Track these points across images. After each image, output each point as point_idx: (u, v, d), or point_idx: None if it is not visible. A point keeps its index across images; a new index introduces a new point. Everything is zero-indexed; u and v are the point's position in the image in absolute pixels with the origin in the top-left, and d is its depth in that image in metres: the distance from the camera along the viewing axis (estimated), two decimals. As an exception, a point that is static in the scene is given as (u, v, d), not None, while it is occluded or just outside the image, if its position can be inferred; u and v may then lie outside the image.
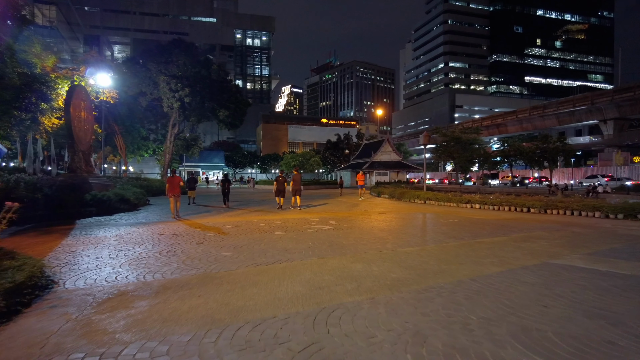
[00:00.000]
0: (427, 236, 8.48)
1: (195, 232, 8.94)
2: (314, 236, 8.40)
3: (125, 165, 48.09)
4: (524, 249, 6.96)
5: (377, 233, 8.93)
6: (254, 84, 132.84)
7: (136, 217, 12.56)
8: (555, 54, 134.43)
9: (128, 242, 7.52)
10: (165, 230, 9.37)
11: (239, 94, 46.22)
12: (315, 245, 7.25)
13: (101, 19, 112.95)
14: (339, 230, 9.29)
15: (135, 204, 15.76)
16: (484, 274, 5.09)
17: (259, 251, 6.63)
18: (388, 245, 7.22)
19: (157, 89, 38.04)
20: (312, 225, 10.37)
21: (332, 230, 9.43)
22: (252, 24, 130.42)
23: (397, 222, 11.35)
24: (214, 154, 76.60)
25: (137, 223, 10.78)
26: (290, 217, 12.35)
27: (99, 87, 30.26)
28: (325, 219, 12.03)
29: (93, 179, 16.04)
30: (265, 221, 11.28)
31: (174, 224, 10.50)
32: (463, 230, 9.50)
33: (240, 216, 12.86)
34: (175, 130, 42.29)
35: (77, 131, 15.75)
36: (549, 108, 60.98)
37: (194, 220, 11.51)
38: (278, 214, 13.69)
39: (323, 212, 14.25)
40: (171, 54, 37.98)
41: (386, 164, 56.07)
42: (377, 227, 10.00)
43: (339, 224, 10.71)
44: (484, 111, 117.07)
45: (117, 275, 5.06)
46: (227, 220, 11.46)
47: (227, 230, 9.25)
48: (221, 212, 14.26)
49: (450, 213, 14.15)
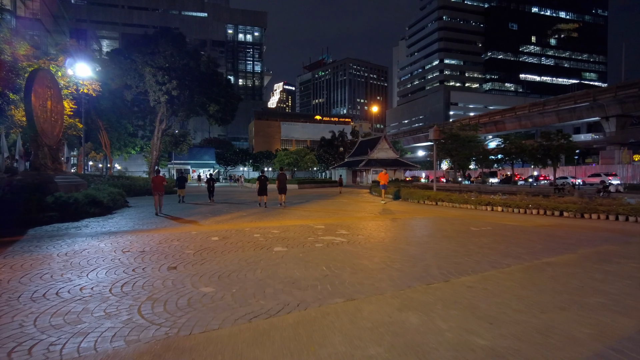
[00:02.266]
0: (472, 253, 6.55)
1: (170, 248, 6.90)
2: (326, 255, 6.42)
3: (110, 163, 45.59)
4: (619, 275, 5.06)
5: (407, 249, 6.98)
6: (245, 80, 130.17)
7: (105, 223, 10.47)
8: (550, 51, 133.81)
9: (75, 267, 5.48)
10: (133, 244, 7.33)
11: (230, 87, 44.03)
12: (332, 272, 5.26)
13: (88, 12, 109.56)
14: (356, 245, 7.31)
15: (109, 206, 13.63)
16: (622, 336, 3.16)
17: (254, 284, 4.63)
18: (433, 271, 5.26)
19: (143, 82, 35.70)
20: (318, 236, 8.38)
21: (346, 244, 7.45)
22: (244, 19, 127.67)
23: (422, 230, 9.42)
24: (204, 151, 74.13)
25: (102, 233, 8.71)
26: (290, 225, 10.36)
27: (78, 77, 27.98)
28: (332, 226, 10.06)
29: (61, 177, 13.88)
30: (259, 230, 9.28)
31: (146, 235, 8.45)
32: (508, 243, 7.60)
33: (230, 222, 10.83)
34: (162, 125, 39.97)
35: (42, 123, 13.56)
36: (549, 105, 59.59)
37: (174, 229, 9.46)
38: (274, 219, 11.70)
39: (327, 217, 12.27)
40: (158, 44, 35.63)
41: (383, 161, 54.23)
42: (401, 239, 8.05)
43: (352, 234, 8.74)
44: (478, 109, 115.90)
45: (9, 349, 3.04)
46: (214, 229, 9.44)
47: (212, 245, 7.23)
48: (208, 217, 12.21)
49: (474, 217, 12.26)
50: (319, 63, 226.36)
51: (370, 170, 53.43)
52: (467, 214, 13.38)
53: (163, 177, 14.58)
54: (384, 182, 20.17)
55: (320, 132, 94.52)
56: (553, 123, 60.78)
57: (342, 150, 75.04)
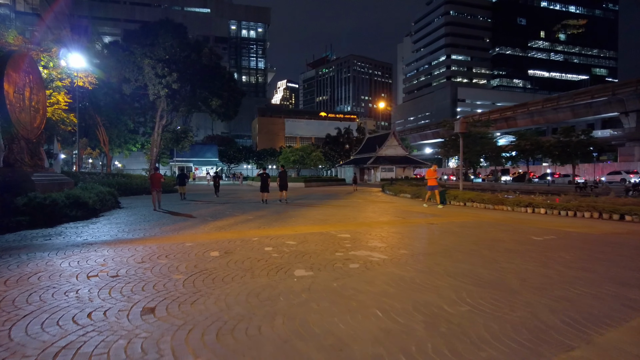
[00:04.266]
0: (571, 281, 4.68)
1: (154, 271, 5.08)
2: (371, 284, 4.57)
3: (109, 160, 43.92)
4: None
5: (475, 271, 5.11)
6: (249, 76, 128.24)
7: (85, 230, 8.68)
8: (559, 47, 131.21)
9: (6, 307, 3.67)
10: (108, 262, 5.51)
11: (233, 82, 42.21)
12: (394, 322, 3.39)
13: (89, 8, 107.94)
14: (404, 267, 5.45)
15: (94, 209, 11.82)
16: None
17: (274, 353, 2.81)
18: (550, 319, 3.39)
19: (142, 75, 33.89)
20: (347, 250, 6.54)
21: (390, 263, 5.60)
22: (247, 15, 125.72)
23: (472, 240, 7.53)
24: (207, 149, 72.43)
25: (75, 244, 6.91)
26: (307, 232, 8.52)
27: (72, 69, 26.24)
28: (359, 234, 8.21)
29: (40, 175, 12.11)
30: (271, 240, 7.45)
31: (129, 247, 6.62)
32: (602, 261, 5.73)
33: (234, 228, 9.01)
34: (163, 121, 38.20)
35: (17, 112, 11.78)
36: (563, 100, 57.45)
37: (165, 238, 7.63)
38: (286, 225, 9.87)
39: (348, 222, 10.43)
40: (157, 35, 33.80)
41: (392, 159, 52.30)
42: (455, 254, 6.18)
43: (389, 246, 6.89)
44: (486, 105, 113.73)
45: None
46: (214, 238, 7.61)
47: (211, 265, 5.40)
48: (208, 221, 10.38)
49: (521, 222, 10.38)
50: (323, 60, 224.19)
51: (379, 167, 51.50)
52: (508, 218, 11.50)
53: (161, 175, 15.30)
54: (433, 182, 15.42)
55: (325, 129, 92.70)
56: (567, 119, 58.66)
57: (348, 148, 73.17)
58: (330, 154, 71.82)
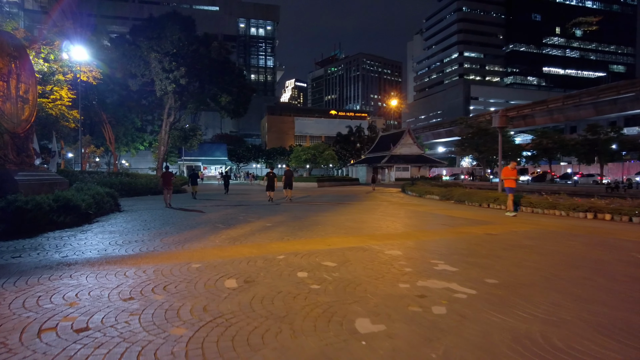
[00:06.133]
0: None
1: (142, 324, 3.40)
2: (488, 352, 2.84)
3: (115, 159, 42.64)
4: None
5: (627, 320, 3.36)
6: (257, 75, 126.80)
7: (69, 242, 7.05)
8: (575, 43, 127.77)
9: None
10: (80, 301, 3.86)
11: (243, 77, 40.59)
12: None
13: (98, 6, 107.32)
14: (514, 312, 3.68)
15: (87, 213, 10.21)
16: None
17: None
18: None
19: (149, 69, 32.41)
20: (410, 277, 4.81)
21: (488, 306, 3.85)
22: (256, 13, 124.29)
23: (578, 266, 5.75)
24: (216, 147, 71.05)
25: (49, 265, 5.27)
26: (343, 246, 6.79)
27: (74, 62, 24.84)
28: (411, 250, 6.48)
29: (26, 174, 10.55)
30: (301, 258, 5.73)
31: (115, 272, 4.95)
32: None
33: (251, 239, 7.32)
34: (170, 119, 36.70)
35: (0, 103, 10.25)
36: (586, 96, 54.99)
37: (166, 255, 5.96)
38: (313, 234, 8.15)
39: (387, 231, 8.69)
40: (164, 28, 32.25)
41: (406, 158, 50.32)
42: (571, 289, 4.42)
43: (464, 272, 5.12)
44: (499, 103, 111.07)
45: None
46: (229, 256, 5.91)
47: (226, 309, 3.70)
48: (220, 228, 8.69)
49: (591, 231, 8.55)
50: (331, 59, 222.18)
51: (393, 167, 49.59)
52: (572, 225, 9.66)
53: (172, 173, 15.88)
54: (512, 183, 12.13)
55: (335, 127, 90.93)
56: (590, 116, 56.16)
57: (360, 147, 71.38)
58: (341, 153, 70.03)
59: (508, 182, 12.22)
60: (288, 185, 18.26)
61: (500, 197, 14.38)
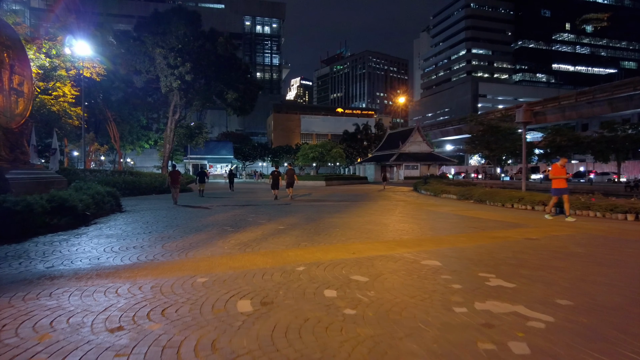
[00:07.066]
0: None
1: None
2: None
3: (120, 156, 42.08)
4: None
5: None
6: (263, 73, 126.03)
7: (60, 248, 6.26)
8: (585, 39, 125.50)
9: None
10: (55, 332, 3.05)
11: (250, 74, 39.83)
12: None
13: (104, 4, 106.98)
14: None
15: (85, 214, 9.43)
16: None
17: None
18: None
19: (154, 66, 31.75)
20: (461, 296, 3.94)
21: (580, 343, 2.98)
22: (262, 10, 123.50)
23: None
24: (222, 146, 70.39)
25: (30, 279, 4.48)
26: (371, 255, 5.92)
27: (77, 57, 24.15)
28: (449, 260, 5.60)
29: (20, 172, 9.82)
30: (325, 271, 4.88)
31: (105, 291, 4.13)
32: None
33: (264, 244, 6.49)
34: (176, 116, 36.06)
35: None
36: (600, 93, 53.55)
37: (168, 266, 5.14)
38: (333, 239, 7.30)
39: (414, 235, 7.81)
40: (170, 23, 31.58)
41: (416, 156, 49.31)
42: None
43: (525, 288, 4.24)
44: (508, 101, 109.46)
45: None
46: (240, 267, 5.07)
47: (242, 342, 2.87)
48: (228, 231, 7.86)
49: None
50: (337, 57, 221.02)
51: (402, 165, 48.61)
52: (615, 229, 8.71)
53: (179, 172, 16.39)
54: (562, 183, 10.42)
55: (342, 125, 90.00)
56: (604, 113, 54.75)
57: (367, 145, 70.43)
58: (348, 151, 69.08)
59: (557, 182, 10.41)
60: (290, 184, 18.63)
61: (525, 196, 13.43)
